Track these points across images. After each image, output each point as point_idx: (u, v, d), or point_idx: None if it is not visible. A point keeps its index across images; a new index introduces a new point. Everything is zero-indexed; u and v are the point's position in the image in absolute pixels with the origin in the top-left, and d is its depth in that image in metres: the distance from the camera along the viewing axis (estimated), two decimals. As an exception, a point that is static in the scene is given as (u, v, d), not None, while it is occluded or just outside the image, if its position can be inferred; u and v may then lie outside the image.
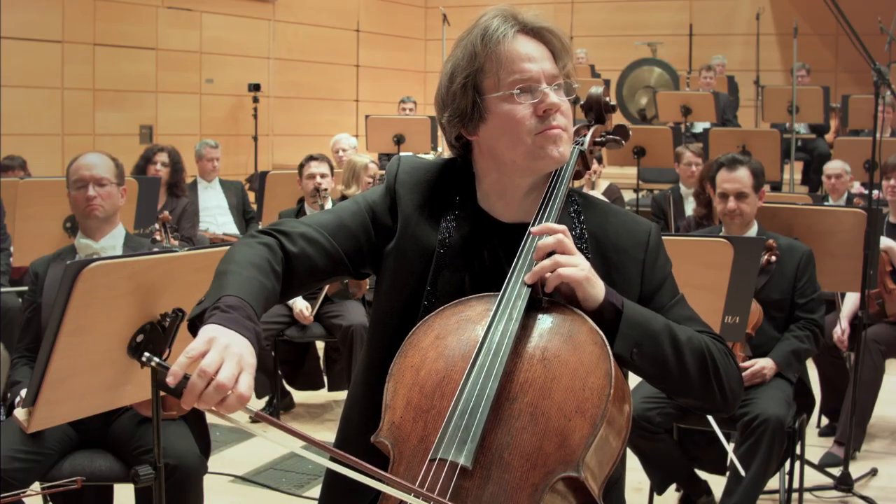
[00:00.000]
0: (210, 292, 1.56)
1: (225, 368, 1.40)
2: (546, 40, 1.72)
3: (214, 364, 1.39)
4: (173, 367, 1.40)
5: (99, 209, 3.28)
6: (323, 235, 1.72)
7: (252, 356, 1.45)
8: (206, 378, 1.38)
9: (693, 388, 1.68)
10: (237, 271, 1.58)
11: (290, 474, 4.31)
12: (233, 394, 1.39)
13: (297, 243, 1.69)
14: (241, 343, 1.44)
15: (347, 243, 1.74)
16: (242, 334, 1.46)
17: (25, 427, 2.39)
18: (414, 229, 1.75)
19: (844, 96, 9.72)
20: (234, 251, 1.65)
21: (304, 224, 1.73)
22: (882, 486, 4.23)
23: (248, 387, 1.41)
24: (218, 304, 1.50)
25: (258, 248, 1.65)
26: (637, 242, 1.78)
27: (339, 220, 1.75)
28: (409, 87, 12.81)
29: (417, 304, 1.72)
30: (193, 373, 1.39)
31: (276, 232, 1.70)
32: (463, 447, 1.48)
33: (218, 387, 1.38)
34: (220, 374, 1.39)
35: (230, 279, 1.56)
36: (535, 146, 1.67)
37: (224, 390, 1.39)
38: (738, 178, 3.72)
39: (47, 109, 9.19)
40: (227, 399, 1.39)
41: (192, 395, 1.39)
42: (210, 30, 10.82)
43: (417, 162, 1.83)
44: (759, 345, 3.69)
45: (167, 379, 1.40)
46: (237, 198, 7.03)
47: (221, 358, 1.40)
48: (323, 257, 1.71)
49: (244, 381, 1.41)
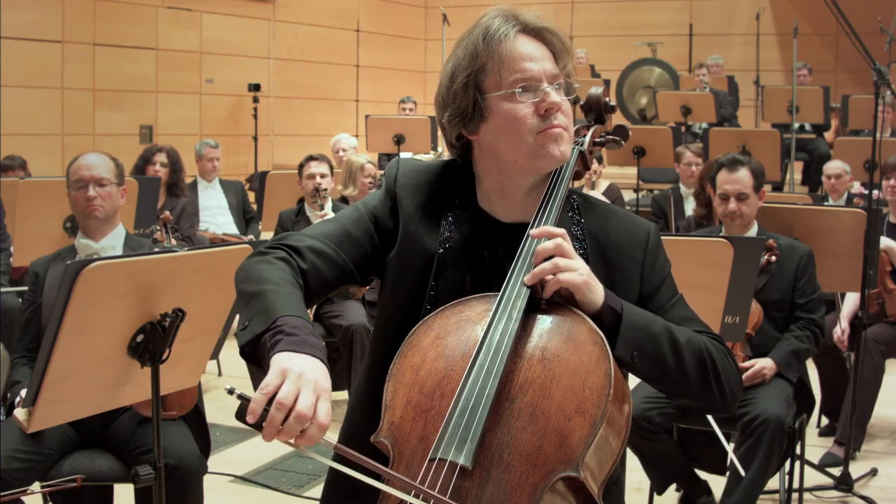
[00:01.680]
0: (254, 315, 1.54)
1: (302, 398, 1.39)
2: (546, 40, 1.72)
3: (291, 395, 1.38)
4: (252, 405, 1.39)
5: (99, 209, 3.28)
6: (330, 247, 1.71)
7: (327, 379, 1.44)
8: (285, 410, 1.38)
9: (693, 389, 1.68)
10: (277, 290, 1.57)
11: (290, 474, 4.31)
12: (313, 423, 1.39)
13: (307, 258, 1.68)
14: (315, 367, 1.43)
15: (354, 252, 1.74)
16: (313, 355, 1.45)
17: (25, 427, 2.39)
18: (415, 232, 1.75)
19: (844, 96, 9.73)
20: (258, 269, 1.63)
21: (310, 237, 1.73)
22: (882, 486, 4.23)
23: (326, 414, 1.40)
24: (279, 327, 1.49)
25: (280, 265, 1.64)
26: (636, 242, 1.78)
27: (343, 229, 1.75)
28: (409, 87, 12.81)
29: (419, 306, 1.72)
30: (272, 406, 1.38)
31: (286, 247, 1.69)
32: (463, 447, 1.48)
33: (298, 417, 1.38)
34: (299, 405, 1.38)
35: (275, 298, 1.55)
36: (536, 145, 1.67)
37: (304, 420, 1.38)
38: (739, 178, 3.71)
39: (47, 109, 9.20)
40: (307, 429, 1.39)
41: (272, 427, 1.38)
42: (210, 30, 10.83)
43: (416, 164, 1.83)
44: (759, 345, 3.69)
45: (247, 417, 1.39)
46: (237, 198, 7.03)
47: (297, 388, 1.39)
48: (332, 269, 1.71)
49: (322, 408, 1.40)
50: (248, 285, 1.61)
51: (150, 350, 2.41)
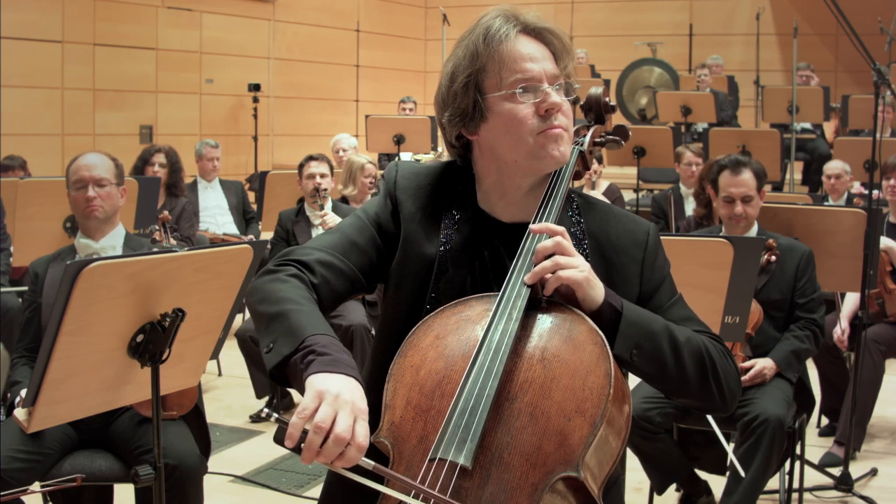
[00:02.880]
0: (278, 336, 1.53)
1: (340, 421, 1.39)
2: (547, 41, 1.72)
3: (329, 418, 1.39)
4: (290, 429, 1.39)
5: (99, 210, 3.28)
6: (337, 258, 1.71)
7: (363, 399, 1.44)
8: (323, 433, 1.38)
9: (692, 388, 1.68)
10: (298, 308, 1.56)
11: (290, 474, 4.31)
12: (351, 445, 1.40)
13: (317, 271, 1.68)
14: (351, 388, 1.43)
15: (361, 260, 1.74)
16: (348, 374, 1.45)
17: (25, 427, 2.39)
18: (416, 234, 1.75)
19: (844, 96, 9.73)
20: (274, 288, 1.62)
21: (316, 249, 1.72)
22: (882, 486, 4.23)
23: (364, 436, 1.41)
24: (309, 347, 1.49)
25: (295, 282, 1.63)
26: (636, 242, 1.78)
27: (348, 238, 1.74)
28: (409, 87, 12.81)
29: (421, 308, 1.71)
30: (310, 430, 1.38)
31: (295, 263, 1.68)
32: (463, 447, 1.48)
33: (336, 440, 1.38)
34: (337, 428, 1.38)
35: (299, 317, 1.54)
36: (536, 146, 1.67)
37: (342, 443, 1.39)
38: (744, 181, 3.70)
39: (47, 109, 9.20)
40: (346, 451, 1.39)
41: (310, 451, 1.39)
42: (210, 30, 10.83)
43: (415, 167, 1.83)
44: (759, 345, 3.69)
45: (285, 442, 1.39)
46: (237, 198, 7.03)
47: (335, 410, 1.40)
48: (342, 280, 1.71)
49: (360, 430, 1.41)
50: (267, 306, 1.59)
51: (150, 350, 2.40)
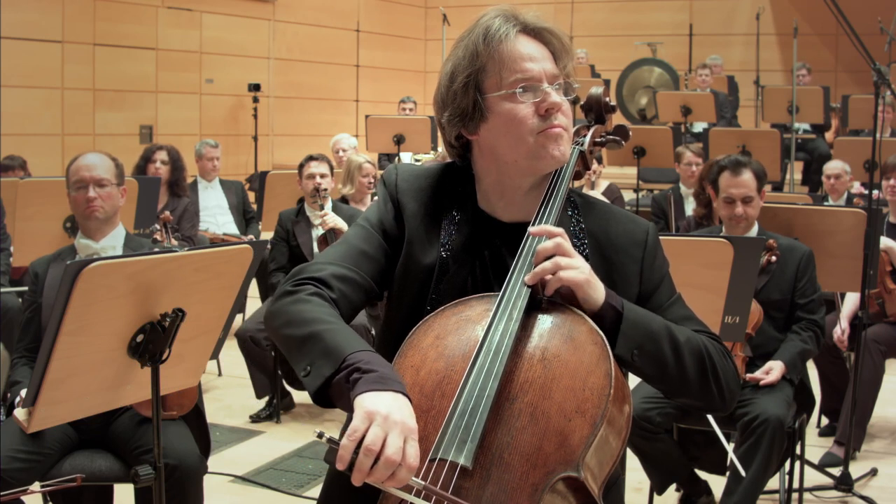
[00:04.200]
0: (315, 357, 1.52)
1: (390, 442, 1.39)
2: (546, 41, 1.72)
3: (379, 440, 1.39)
4: (341, 452, 1.39)
5: (99, 210, 3.28)
6: (351, 269, 1.71)
7: (412, 416, 1.44)
8: (373, 455, 1.38)
9: (691, 388, 1.68)
10: (330, 327, 1.56)
11: (290, 474, 4.31)
12: (402, 466, 1.40)
13: (334, 286, 1.67)
14: (399, 406, 1.43)
15: (372, 269, 1.73)
16: (395, 389, 1.45)
17: (25, 427, 2.39)
18: (418, 236, 1.75)
19: (844, 96, 9.73)
20: (298, 310, 1.60)
21: (329, 263, 1.71)
22: (882, 486, 4.23)
23: (415, 457, 1.41)
24: (353, 365, 1.48)
25: (317, 301, 1.62)
26: (635, 242, 1.78)
27: (357, 248, 1.74)
28: (409, 87, 12.81)
29: (422, 309, 1.71)
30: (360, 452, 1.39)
31: (311, 281, 1.67)
32: (463, 447, 1.48)
33: (387, 463, 1.38)
34: (387, 450, 1.39)
35: (334, 336, 1.54)
36: (536, 145, 1.67)
37: (393, 465, 1.39)
38: (745, 182, 3.69)
39: (47, 109, 9.20)
40: (397, 472, 1.40)
41: (361, 473, 1.39)
42: (210, 30, 10.83)
43: (415, 169, 1.83)
44: (759, 345, 3.68)
45: (337, 464, 1.40)
46: (237, 198, 7.03)
47: (385, 431, 1.39)
48: (358, 292, 1.71)
49: (410, 451, 1.41)
50: (295, 329, 1.58)
51: (150, 350, 2.40)
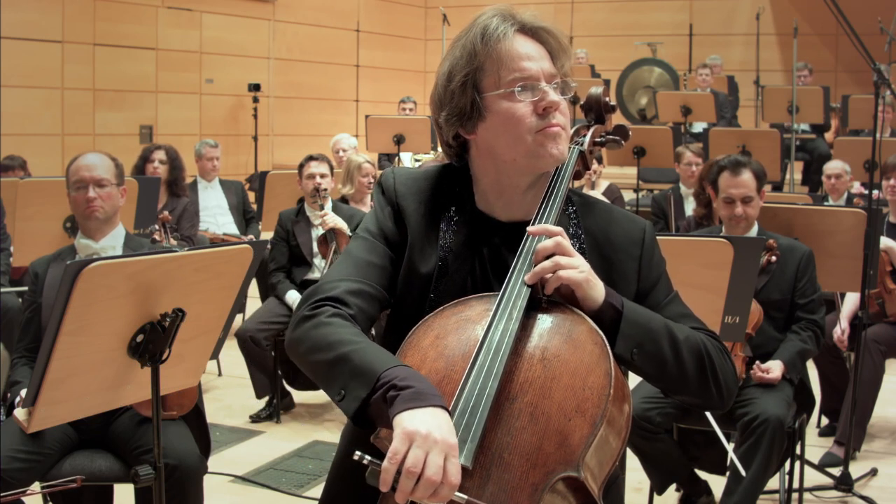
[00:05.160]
0: (348, 381, 1.51)
1: (430, 462, 1.40)
2: (543, 40, 1.72)
3: (420, 462, 1.39)
4: (383, 475, 1.40)
5: (99, 210, 3.27)
6: (363, 283, 1.70)
7: (452, 432, 1.44)
8: (415, 477, 1.39)
9: (690, 385, 1.69)
10: (358, 347, 1.55)
11: (290, 474, 4.30)
12: (444, 485, 1.40)
13: (350, 302, 1.67)
14: (439, 423, 1.43)
15: (382, 279, 1.73)
16: (434, 404, 1.45)
17: (25, 427, 2.39)
18: (419, 237, 1.75)
19: (844, 96, 9.73)
20: (321, 334, 1.59)
21: (341, 280, 1.70)
22: (882, 486, 4.23)
23: (456, 474, 1.41)
24: (388, 383, 1.47)
25: (339, 321, 1.62)
26: (633, 240, 1.79)
27: (364, 261, 1.74)
28: (409, 87, 12.82)
29: (422, 310, 1.71)
30: (402, 474, 1.39)
31: (328, 301, 1.66)
32: (463, 447, 1.48)
33: (427, 483, 1.39)
34: (427, 471, 1.39)
35: (364, 356, 1.53)
36: (534, 144, 1.67)
37: (434, 486, 1.40)
38: (744, 182, 3.69)
39: (47, 109, 9.20)
40: (439, 490, 1.40)
41: (404, 494, 1.40)
42: (210, 30, 10.83)
43: (411, 172, 1.83)
44: (759, 345, 3.68)
45: (381, 487, 1.40)
46: (237, 198, 7.03)
47: (425, 452, 1.40)
48: (373, 304, 1.71)
49: (452, 469, 1.41)
50: (322, 354, 1.58)
51: (150, 350, 2.40)
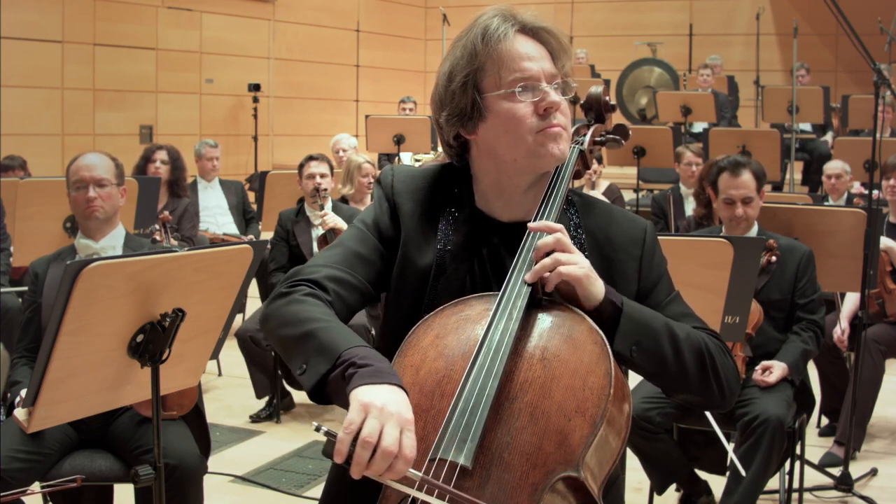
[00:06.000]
0: (311, 356, 1.53)
1: (386, 434, 1.40)
2: (544, 40, 1.72)
3: (375, 432, 1.39)
4: (338, 445, 1.40)
5: (99, 210, 3.28)
6: (346, 272, 1.71)
7: (408, 408, 1.44)
8: (370, 448, 1.39)
9: (691, 384, 1.68)
10: (324, 325, 1.56)
11: (290, 474, 4.31)
12: (399, 458, 1.40)
13: (329, 288, 1.68)
14: (395, 398, 1.43)
15: (368, 271, 1.74)
16: (391, 382, 1.45)
17: (25, 427, 2.39)
18: (414, 236, 1.75)
19: (844, 96, 9.73)
20: (292, 311, 1.61)
21: (324, 266, 1.71)
22: (882, 486, 4.23)
23: (411, 448, 1.41)
24: (348, 360, 1.49)
25: (312, 300, 1.63)
26: (634, 240, 1.79)
27: (352, 250, 1.74)
28: (409, 87, 12.82)
29: (420, 309, 1.71)
30: (357, 445, 1.39)
31: (306, 282, 1.67)
32: (463, 447, 1.48)
33: (383, 454, 1.39)
34: (384, 442, 1.39)
35: (329, 334, 1.54)
36: (535, 144, 1.67)
37: (390, 457, 1.39)
38: (744, 183, 3.69)
39: (47, 109, 9.20)
40: (394, 464, 1.40)
41: (359, 466, 1.39)
42: (210, 30, 10.83)
43: (411, 170, 1.83)
44: (760, 345, 3.68)
45: (335, 457, 1.40)
46: (237, 198, 7.03)
47: (381, 423, 1.40)
48: (353, 294, 1.71)
49: (407, 442, 1.41)
50: (290, 329, 1.59)
51: (150, 350, 2.40)
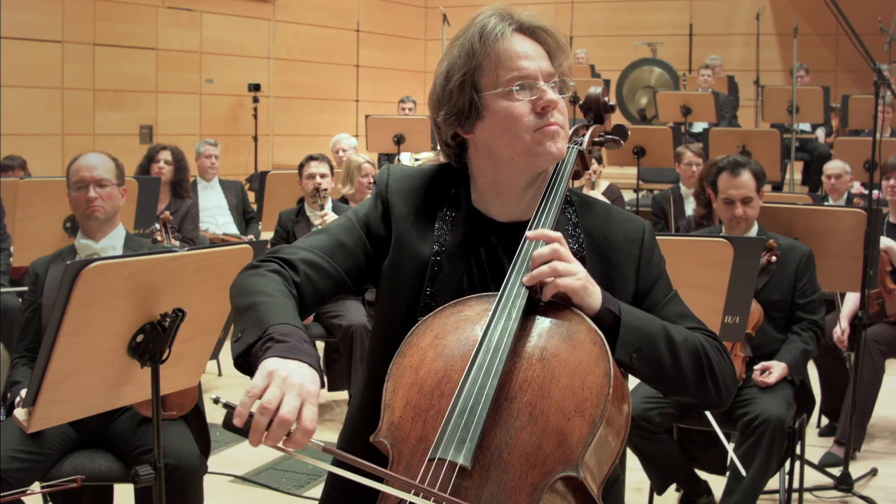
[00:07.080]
0: (247, 326, 1.55)
1: (286, 402, 1.39)
2: (541, 39, 1.72)
3: (276, 399, 1.39)
4: (238, 408, 1.39)
5: (100, 210, 3.28)
6: (322, 258, 1.72)
7: (315, 383, 1.44)
8: (269, 414, 1.38)
9: (688, 386, 1.69)
10: (269, 300, 1.58)
11: (290, 474, 4.31)
12: (298, 428, 1.39)
13: (300, 269, 1.69)
14: (302, 372, 1.43)
15: (347, 262, 1.74)
16: (302, 360, 1.45)
17: (25, 427, 2.39)
18: (408, 236, 1.75)
19: (844, 96, 9.73)
20: (250, 282, 1.63)
21: (302, 249, 1.73)
22: (882, 486, 4.23)
23: (311, 419, 1.40)
24: (269, 335, 1.50)
25: (273, 276, 1.65)
26: (632, 240, 1.78)
27: (336, 239, 1.75)
28: (409, 87, 12.81)
29: (416, 310, 1.71)
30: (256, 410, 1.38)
31: (279, 260, 1.69)
32: (462, 447, 1.48)
33: (281, 422, 1.38)
34: (282, 409, 1.38)
35: (267, 308, 1.56)
36: (533, 142, 1.67)
37: (287, 425, 1.38)
38: (744, 183, 3.69)
39: (47, 109, 9.20)
40: (293, 434, 1.39)
41: (257, 432, 1.39)
42: (210, 30, 10.83)
43: (408, 170, 1.83)
44: (760, 345, 3.68)
45: (234, 420, 1.39)
46: (237, 198, 7.03)
47: (282, 392, 1.40)
48: (326, 280, 1.71)
49: (307, 413, 1.40)
50: (241, 299, 1.61)
51: (150, 350, 2.41)
